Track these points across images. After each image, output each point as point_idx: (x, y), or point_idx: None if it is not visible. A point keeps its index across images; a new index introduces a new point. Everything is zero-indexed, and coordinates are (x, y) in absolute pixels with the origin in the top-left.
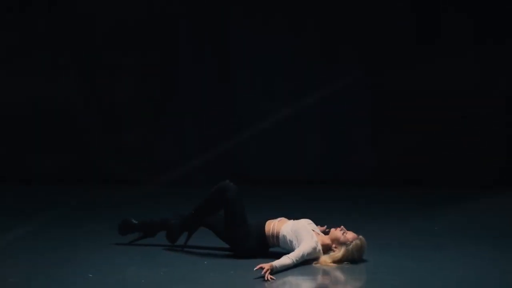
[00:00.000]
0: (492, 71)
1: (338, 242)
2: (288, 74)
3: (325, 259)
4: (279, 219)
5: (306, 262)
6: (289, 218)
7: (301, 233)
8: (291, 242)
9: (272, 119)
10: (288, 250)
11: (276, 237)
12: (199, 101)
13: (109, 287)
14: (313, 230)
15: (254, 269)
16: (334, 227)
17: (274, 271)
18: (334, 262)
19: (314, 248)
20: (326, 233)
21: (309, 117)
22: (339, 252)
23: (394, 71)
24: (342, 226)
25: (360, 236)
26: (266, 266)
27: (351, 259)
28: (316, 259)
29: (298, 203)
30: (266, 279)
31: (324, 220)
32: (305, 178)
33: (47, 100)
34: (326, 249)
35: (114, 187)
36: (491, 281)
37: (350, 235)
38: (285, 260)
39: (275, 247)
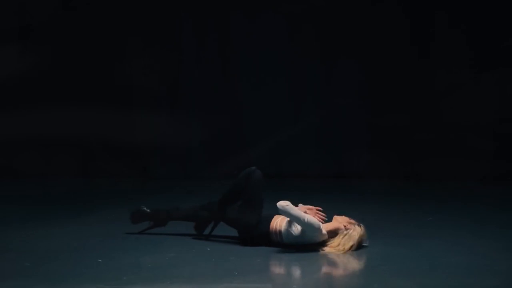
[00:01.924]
0: (491, 71)
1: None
2: (288, 74)
3: (332, 245)
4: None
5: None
6: None
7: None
8: (295, 225)
9: (272, 119)
10: (291, 241)
11: (279, 233)
12: (199, 101)
13: (117, 271)
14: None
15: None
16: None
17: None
18: (339, 248)
19: (318, 226)
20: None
21: (309, 116)
22: (341, 240)
23: (394, 71)
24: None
25: (361, 225)
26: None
27: (356, 246)
28: (322, 243)
29: (297, 198)
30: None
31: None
32: (304, 176)
33: None
34: (333, 234)
35: (114, 185)
36: (476, 267)
37: (350, 224)
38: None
39: (278, 244)
